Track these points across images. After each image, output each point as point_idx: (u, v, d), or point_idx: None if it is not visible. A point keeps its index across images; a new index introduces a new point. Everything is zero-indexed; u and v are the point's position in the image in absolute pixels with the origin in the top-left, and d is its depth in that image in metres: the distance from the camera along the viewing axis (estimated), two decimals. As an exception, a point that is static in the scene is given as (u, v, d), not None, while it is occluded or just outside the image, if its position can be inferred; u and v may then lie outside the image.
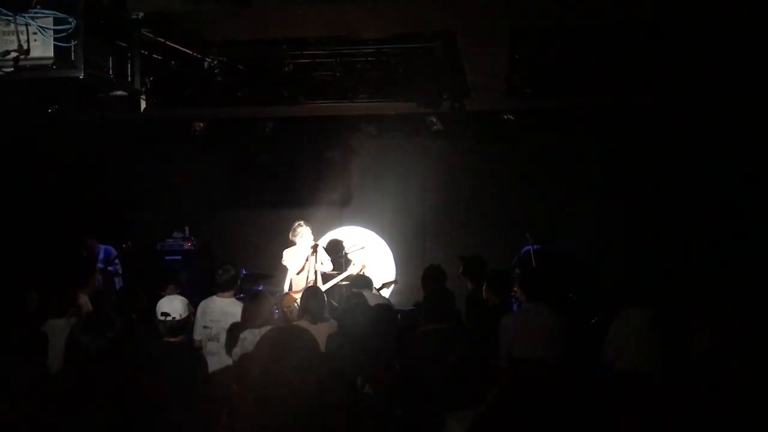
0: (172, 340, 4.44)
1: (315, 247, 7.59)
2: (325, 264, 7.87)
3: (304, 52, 6.88)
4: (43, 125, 7.95)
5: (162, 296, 4.89)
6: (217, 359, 5.14)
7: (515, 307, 6.00)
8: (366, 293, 6.17)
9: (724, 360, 3.05)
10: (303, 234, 7.63)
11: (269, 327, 4.42)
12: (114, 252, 8.52)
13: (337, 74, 7.12)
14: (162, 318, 4.43)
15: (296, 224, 7.72)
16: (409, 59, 6.93)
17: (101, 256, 8.42)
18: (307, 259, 7.57)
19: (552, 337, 4.87)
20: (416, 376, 4.07)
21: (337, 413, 2.80)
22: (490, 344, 4.82)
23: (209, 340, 5.52)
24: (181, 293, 5.37)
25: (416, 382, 3.97)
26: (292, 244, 7.70)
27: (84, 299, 6.18)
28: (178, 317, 4.45)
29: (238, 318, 5.34)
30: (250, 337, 4.76)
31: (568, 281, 7.45)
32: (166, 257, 8.97)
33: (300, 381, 2.39)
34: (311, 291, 5.86)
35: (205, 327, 5.59)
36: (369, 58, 6.99)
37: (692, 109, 7.94)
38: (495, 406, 1.55)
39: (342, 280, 7.79)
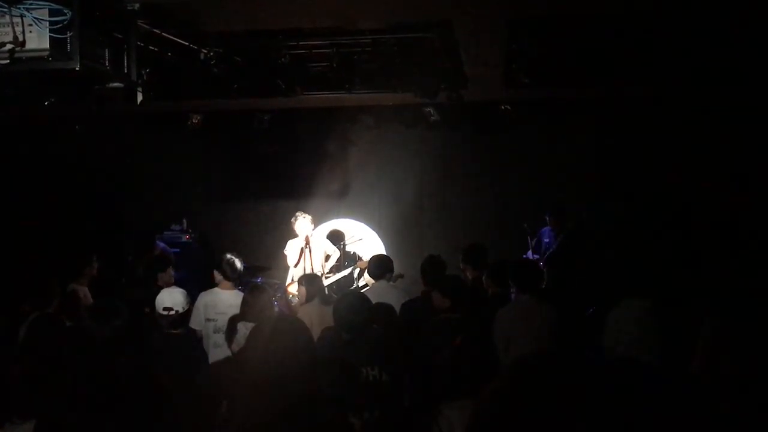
0: (174, 332, 4.44)
1: (307, 239, 7.57)
2: (332, 256, 7.91)
3: (301, 43, 6.85)
4: (40, 117, 7.94)
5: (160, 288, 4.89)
6: (223, 351, 5.12)
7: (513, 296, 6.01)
8: (377, 284, 6.19)
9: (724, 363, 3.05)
10: (299, 225, 7.62)
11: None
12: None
13: (334, 65, 7.10)
14: (165, 312, 4.41)
15: (295, 215, 7.73)
16: (406, 49, 6.91)
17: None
18: (301, 252, 7.57)
19: (546, 328, 4.89)
20: (427, 364, 4.09)
21: (334, 403, 2.80)
22: (490, 334, 4.84)
23: (215, 332, 5.46)
24: (179, 285, 5.37)
25: (426, 371, 4.00)
26: (295, 235, 7.72)
27: (83, 291, 6.17)
28: (180, 310, 4.45)
29: None
30: (243, 330, 4.76)
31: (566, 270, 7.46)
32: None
33: (292, 370, 2.39)
34: (309, 277, 5.96)
35: (208, 320, 5.54)
36: (366, 49, 6.97)
37: (690, 98, 7.94)
38: (496, 396, 1.55)
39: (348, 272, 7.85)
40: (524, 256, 8.09)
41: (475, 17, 5.66)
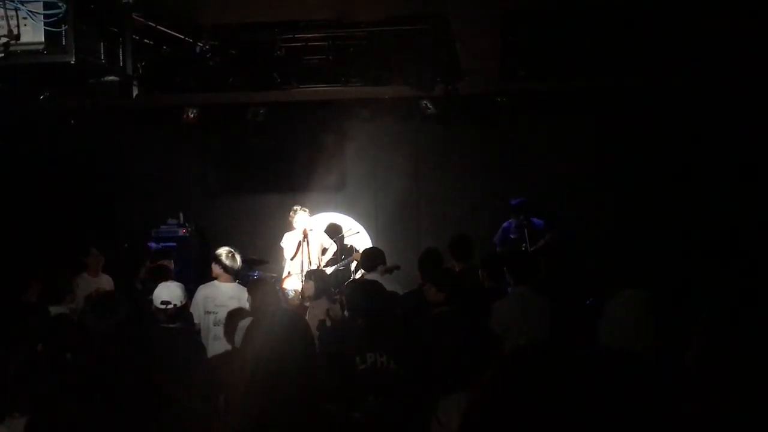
0: (171, 326, 4.44)
1: (305, 233, 7.58)
2: (329, 249, 7.92)
3: (296, 36, 6.84)
4: (35, 111, 7.91)
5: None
6: (222, 343, 5.13)
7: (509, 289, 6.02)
8: (369, 276, 6.21)
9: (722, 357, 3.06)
10: (297, 219, 7.63)
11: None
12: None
13: (330, 58, 7.09)
14: (162, 306, 4.41)
15: (293, 208, 7.75)
16: (401, 42, 6.91)
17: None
18: (299, 245, 7.58)
19: (542, 320, 4.90)
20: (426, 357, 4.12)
21: (333, 397, 2.81)
22: (486, 327, 4.84)
23: (214, 325, 5.47)
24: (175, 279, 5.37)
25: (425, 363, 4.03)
26: (293, 228, 7.73)
27: (101, 280, 6.16)
28: (178, 304, 4.44)
29: (244, 302, 5.37)
30: (245, 324, 4.78)
31: (564, 261, 7.48)
32: (161, 244, 8.95)
33: (290, 363, 2.39)
34: (318, 272, 5.96)
35: (208, 312, 5.56)
36: (361, 42, 6.96)
37: (687, 90, 7.94)
38: (490, 388, 1.55)
39: (344, 264, 7.87)
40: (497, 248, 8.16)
41: (470, 10, 5.65)
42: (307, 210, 7.77)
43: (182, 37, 6.16)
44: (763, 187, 7.72)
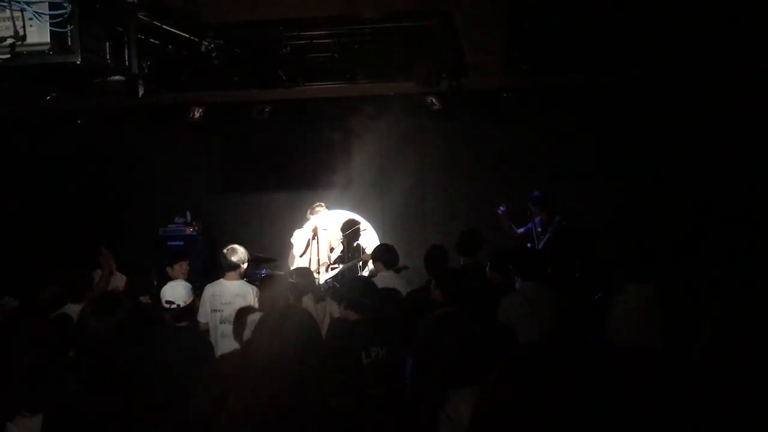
0: (179, 325, 4.46)
1: (315, 231, 7.59)
2: (336, 249, 7.93)
3: (301, 33, 6.84)
4: (41, 111, 7.94)
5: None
6: (230, 341, 5.15)
7: (517, 285, 6.02)
8: (385, 274, 6.22)
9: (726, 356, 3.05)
10: (319, 216, 7.65)
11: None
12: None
13: (335, 55, 7.09)
14: (167, 306, 4.44)
15: (318, 203, 7.76)
16: (406, 38, 6.90)
17: None
18: (308, 243, 7.59)
19: (551, 315, 4.90)
20: (428, 359, 4.14)
21: (340, 391, 2.81)
22: (491, 326, 4.83)
23: (221, 323, 5.50)
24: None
25: (428, 365, 4.06)
26: (303, 225, 7.74)
27: (115, 279, 6.19)
28: (182, 304, 4.46)
29: (250, 300, 5.38)
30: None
31: (573, 257, 7.46)
32: (168, 242, 8.99)
33: (300, 361, 2.40)
34: (301, 271, 5.97)
35: (215, 310, 5.59)
36: (366, 38, 6.96)
37: (692, 84, 7.90)
38: (499, 383, 1.55)
39: (352, 264, 7.88)
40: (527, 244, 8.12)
41: (474, 4, 5.64)
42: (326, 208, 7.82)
43: (187, 36, 6.17)
44: (765, 177, 7.69)
